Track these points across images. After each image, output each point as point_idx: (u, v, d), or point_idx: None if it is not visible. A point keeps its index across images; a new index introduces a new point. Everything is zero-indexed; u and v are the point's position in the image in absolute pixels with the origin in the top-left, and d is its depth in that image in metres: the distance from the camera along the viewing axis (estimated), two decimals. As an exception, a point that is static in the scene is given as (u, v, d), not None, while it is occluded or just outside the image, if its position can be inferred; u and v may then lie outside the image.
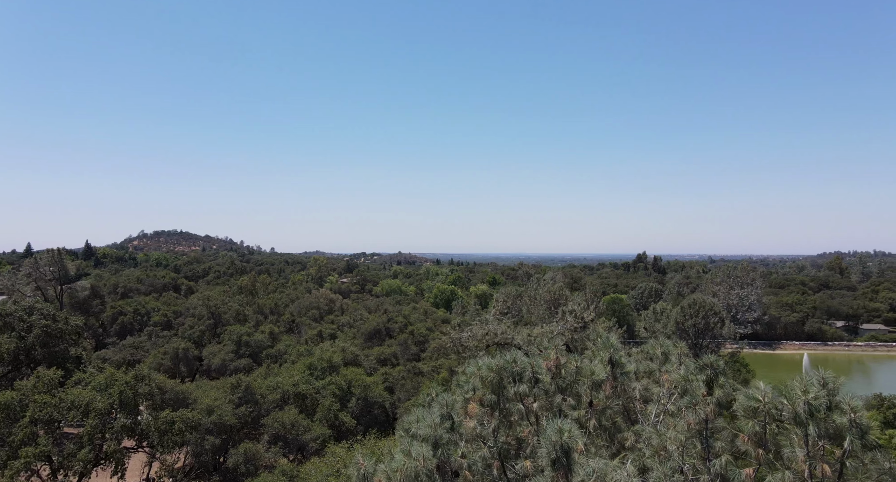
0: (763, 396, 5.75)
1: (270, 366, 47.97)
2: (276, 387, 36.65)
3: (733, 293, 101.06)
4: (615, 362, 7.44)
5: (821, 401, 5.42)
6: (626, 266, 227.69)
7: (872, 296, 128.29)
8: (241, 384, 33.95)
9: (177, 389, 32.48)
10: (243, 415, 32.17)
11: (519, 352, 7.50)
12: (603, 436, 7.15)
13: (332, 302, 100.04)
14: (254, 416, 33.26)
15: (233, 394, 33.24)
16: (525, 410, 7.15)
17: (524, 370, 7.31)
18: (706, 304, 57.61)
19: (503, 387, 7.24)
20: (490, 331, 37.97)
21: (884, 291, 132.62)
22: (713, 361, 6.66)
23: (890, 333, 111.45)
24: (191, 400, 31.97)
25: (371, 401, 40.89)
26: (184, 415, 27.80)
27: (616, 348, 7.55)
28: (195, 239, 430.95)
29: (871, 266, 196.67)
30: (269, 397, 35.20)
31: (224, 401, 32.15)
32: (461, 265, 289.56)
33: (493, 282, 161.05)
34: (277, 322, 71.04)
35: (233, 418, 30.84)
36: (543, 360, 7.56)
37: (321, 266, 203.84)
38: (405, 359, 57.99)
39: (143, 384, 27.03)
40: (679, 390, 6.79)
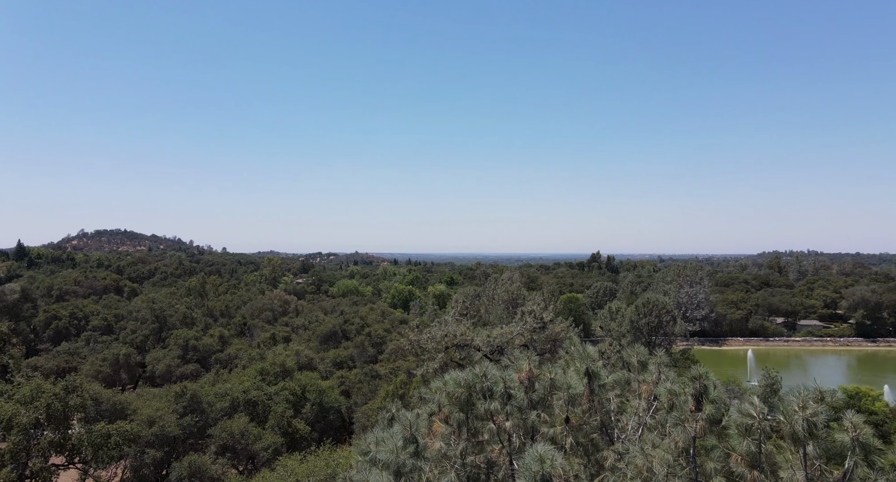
0: (758, 412, 5.30)
1: (220, 372, 45.77)
2: (225, 395, 34.80)
3: (683, 291, 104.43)
4: (592, 374, 6.88)
5: (821, 417, 5.00)
6: (580, 265, 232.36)
7: (808, 294, 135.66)
8: (186, 392, 31.97)
9: (114, 400, 30.25)
10: (188, 426, 30.29)
11: (490, 365, 6.83)
12: (580, 455, 6.59)
13: (287, 303, 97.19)
14: (200, 426, 31.39)
15: (177, 403, 31.27)
16: (496, 429, 6.49)
17: (495, 385, 6.64)
18: (659, 303, 59.02)
19: (472, 404, 6.55)
20: (449, 333, 37.28)
21: (818, 289, 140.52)
22: (702, 373, 6.19)
23: (824, 329, 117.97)
24: (130, 410, 29.85)
25: (326, 406, 39.54)
26: (121, 427, 25.80)
27: (593, 358, 7.00)
28: (141, 238, 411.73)
29: (806, 265, 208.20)
30: (218, 405, 33.35)
31: (167, 410, 30.18)
32: (419, 265, 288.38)
33: (450, 282, 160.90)
34: (228, 325, 68.17)
35: (176, 429, 28.96)
36: (516, 373, 6.92)
37: (275, 266, 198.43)
38: (362, 362, 56.66)
39: (74, 395, 24.87)
40: (665, 404, 6.29)
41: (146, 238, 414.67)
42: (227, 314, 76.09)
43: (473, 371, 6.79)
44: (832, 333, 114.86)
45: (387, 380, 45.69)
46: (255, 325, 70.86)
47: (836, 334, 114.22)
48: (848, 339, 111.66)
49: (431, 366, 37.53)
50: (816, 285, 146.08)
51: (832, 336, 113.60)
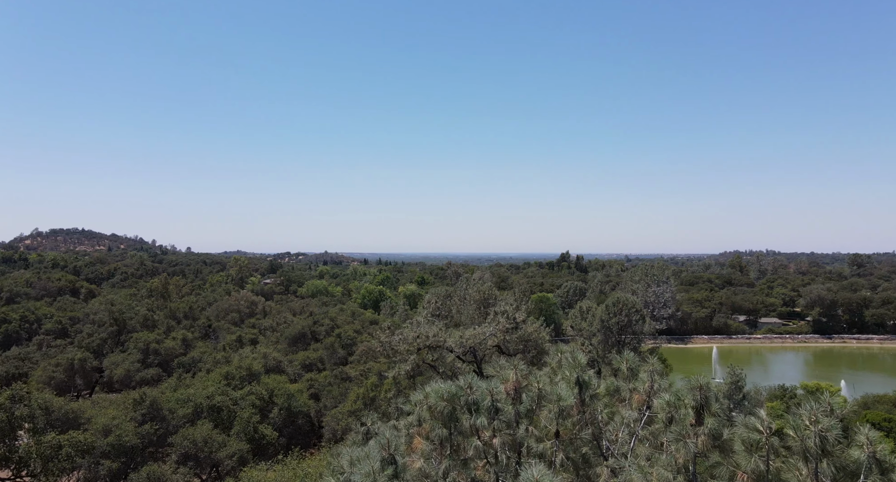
0: (765, 427, 4.94)
1: (182, 377, 44.07)
2: (187, 400, 33.39)
3: (650, 291, 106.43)
4: (583, 383, 6.45)
5: (835, 432, 4.66)
6: (550, 265, 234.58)
7: (768, 292, 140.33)
8: (145, 399, 30.49)
9: (66, 408, 28.59)
10: (148, 434, 28.87)
11: (475, 377, 6.32)
12: (571, 472, 6.15)
13: (254, 304, 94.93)
14: (160, 434, 29.98)
15: (135, 411, 29.78)
16: (483, 446, 5.99)
17: (482, 398, 6.13)
18: (629, 302, 59.76)
19: (456, 419, 6.03)
20: (421, 334, 36.69)
21: (777, 288, 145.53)
22: (703, 383, 5.81)
23: (783, 326, 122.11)
24: (84, 419, 28.25)
25: (295, 410, 38.47)
26: (74, 437, 24.34)
27: (583, 367, 6.57)
28: (100, 238, 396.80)
29: (766, 264, 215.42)
30: (179, 412, 31.95)
31: (125, 418, 28.70)
32: (389, 265, 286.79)
33: (421, 282, 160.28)
34: (192, 327, 65.93)
35: (135, 438, 27.54)
36: (502, 383, 6.43)
37: (242, 266, 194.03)
38: (332, 364, 55.56)
39: (20, 405, 23.29)
40: (664, 417, 5.90)
41: (105, 237, 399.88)
42: (192, 316, 73.64)
43: (457, 383, 6.27)
44: (791, 330, 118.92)
45: (357, 383, 44.83)
46: (220, 328, 68.77)
47: (795, 331, 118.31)
48: (805, 336, 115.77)
49: (403, 368, 36.89)
50: (776, 284, 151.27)
51: (791, 333, 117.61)
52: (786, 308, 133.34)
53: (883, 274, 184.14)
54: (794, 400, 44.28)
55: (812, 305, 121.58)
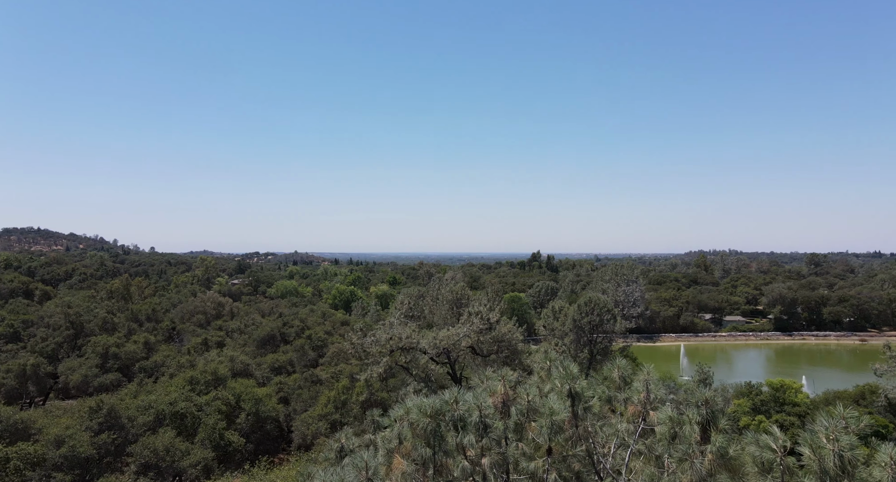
0: (779, 446, 4.56)
1: (144, 382, 42.24)
2: (148, 407, 31.89)
3: (620, 290, 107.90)
4: (576, 395, 5.99)
5: (857, 453, 4.29)
6: (521, 265, 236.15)
7: (732, 291, 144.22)
8: (102, 406, 28.92)
9: (15, 418, 26.86)
10: (104, 444, 27.37)
11: (462, 390, 5.79)
12: (564, 492, 5.69)
13: (221, 305, 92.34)
14: (119, 444, 28.49)
15: (91, 420, 28.20)
16: (470, 466, 5.46)
17: (470, 414, 5.59)
18: (600, 302, 60.14)
19: (441, 437, 5.48)
20: (394, 336, 36.01)
21: (741, 287, 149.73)
22: (709, 397, 5.41)
23: (747, 324, 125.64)
24: (34, 429, 26.59)
25: (263, 415, 37.27)
26: (23, 449, 22.84)
27: (575, 377, 6.10)
28: (57, 237, 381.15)
29: (729, 263, 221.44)
30: (140, 419, 30.47)
31: (79, 428, 27.14)
32: (360, 265, 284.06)
33: (393, 282, 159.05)
34: (155, 330, 63.49)
35: (90, 448, 26.05)
36: (489, 395, 5.91)
37: (209, 267, 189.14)
38: (302, 366, 54.27)
39: (-37, 417, 21.69)
40: (667, 434, 5.47)
41: (63, 237, 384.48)
42: (155, 318, 71.00)
43: (442, 396, 5.72)
44: (754, 328, 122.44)
45: (328, 386, 43.83)
46: (185, 330, 66.46)
47: (758, 329, 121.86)
48: (768, 334, 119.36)
49: (376, 371, 36.13)
50: (739, 283, 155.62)
51: (754, 331, 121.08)
52: (749, 306, 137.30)
53: (838, 273, 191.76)
54: (760, 397, 45.26)
55: (773, 304, 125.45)
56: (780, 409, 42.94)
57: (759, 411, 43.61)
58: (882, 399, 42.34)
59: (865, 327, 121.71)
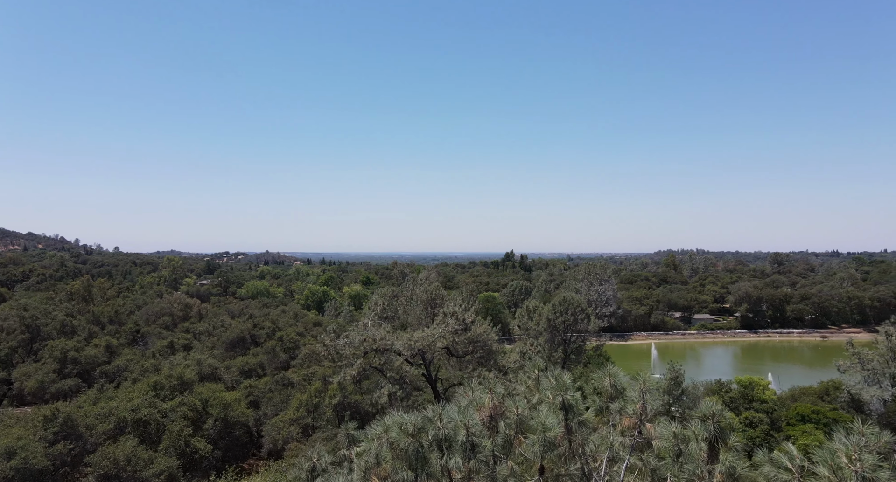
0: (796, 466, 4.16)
1: (105, 388, 40.43)
2: (108, 415, 30.43)
3: (593, 289, 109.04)
4: (569, 408, 5.53)
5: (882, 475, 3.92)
6: (495, 264, 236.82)
7: (700, 290, 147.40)
8: (58, 415, 27.40)
9: (-38, 429, 25.19)
10: (60, 455, 25.91)
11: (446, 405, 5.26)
12: (557, 514, 5.23)
13: (189, 307, 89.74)
14: (76, 454, 27.03)
15: (46, 429, 26.68)
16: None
17: (456, 433, 5.05)
18: (574, 301, 60.49)
19: (424, 459, 4.93)
20: (368, 338, 35.26)
21: (709, 285, 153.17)
22: (715, 411, 5.00)
23: (714, 322, 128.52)
24: (-17, 441, 24.96)
25: (232, 420, 36.06)
26: (-31, 463, 21.34)
27: (567, 387, 5.63)
28: (14, 237, 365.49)
29: (697, 262, 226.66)
30: (99, 428, 29.02)
31: (32, 438, 25.61)
32: (333, 265, 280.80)
33: (367, 282, 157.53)
34: (118, 333, 61.09)
35: (44, 460, 24.60)
36: (476, 409, 5.41)
37: (176, 267, 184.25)
38: (273, 369, 52.94)
39: None
40: (671, 451, 5.05)
41: (21, 236, 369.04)
42: (117, 321, 68.38)
43: (425, 413, 5.19)
44: (721, 326, 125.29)
45: (300, 389, 42.78)
46: (150, 333, 64.17)
47: (725, 327, 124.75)
48: (735, 331, 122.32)
49: (349, 373, 35.32)
50: (707, 282, 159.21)
51: (721, 328, 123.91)
52: (716, 304, 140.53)
53: (799, 271, 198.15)
54: (730, 394, 46.04)
55: (740, 302, 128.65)
56: (748, 406, 43.71)
57: (728, 408, 44.36)
58: (845, 395, 43.50)
59: (826, 324, 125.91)
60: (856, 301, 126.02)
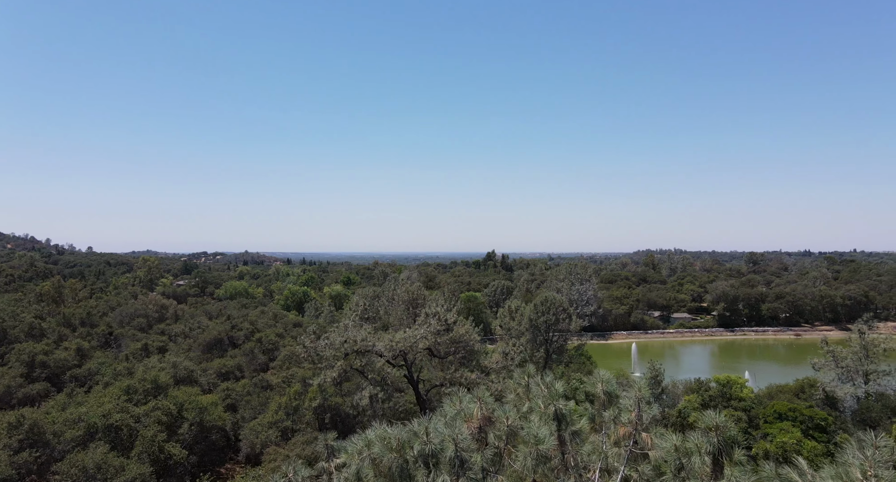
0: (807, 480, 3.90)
1: (75, 392, 39.10)
2: (78, 420, 29.36)
3: (574, 289, 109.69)
4: (562, 417, 5.21)
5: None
6: (477, 264, 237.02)
7: (679, 289, 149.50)
8: (23, 422, 26.30)
9: (-80, 438, 24.00)
10: (26, 463, 24.86)
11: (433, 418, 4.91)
12: (551, 532, 4.91)
13: (165, 308, 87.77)
14: (42, 462, 25.98)
15: (10, 437, 25.58)
16: (443, 511, 4.58)
17: (444, 448, 4.68)
18: (556, 301, 60.63)
19: (409, 476, 4.54)
20: (349, 339, 34.72)
21: (687, 284, 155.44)
22: (720, 423, 4.70)
23: (693, 320, 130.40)
24: (-58, 451, 23.83)
25: (208, 425, 35.13)
26: (-73, 475, 20.29)
27: (559, 395, 5.30)
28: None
29: (676, 261, 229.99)
30: (68, 434, 27.96)
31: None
32: (314, 265, 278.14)
33: (347, 282, 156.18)
34: (89, 335, 59.31)
35: (8, 469, 23.58)
36: (464, 421, 5.05)
37: (151, 267, 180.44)
38: (251, 371, 51.93)
39: None
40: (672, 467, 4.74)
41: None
42: (89, 322, 66.42)
43: (411, 427, 4.81)
44: (699, 325, 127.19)
45: (279, 391, 42.00)
46: (124, 335, 62.45)
47: (703, 325, 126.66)
48: (712, 330, 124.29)
49: (330, 375, 34.74)
50: (685, 281, 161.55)
51: (699, 327, 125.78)
52: (694, 303, 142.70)
53: (774, 271, 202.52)
54: (709, 392, 46.56)
55: (717, 301, 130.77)
56: (727, 404, 44.23)
57: (707, 406, 44.82)
58: (820, 392, 44.29)
59: (800, 322, 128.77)
60: (828, 300, 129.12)
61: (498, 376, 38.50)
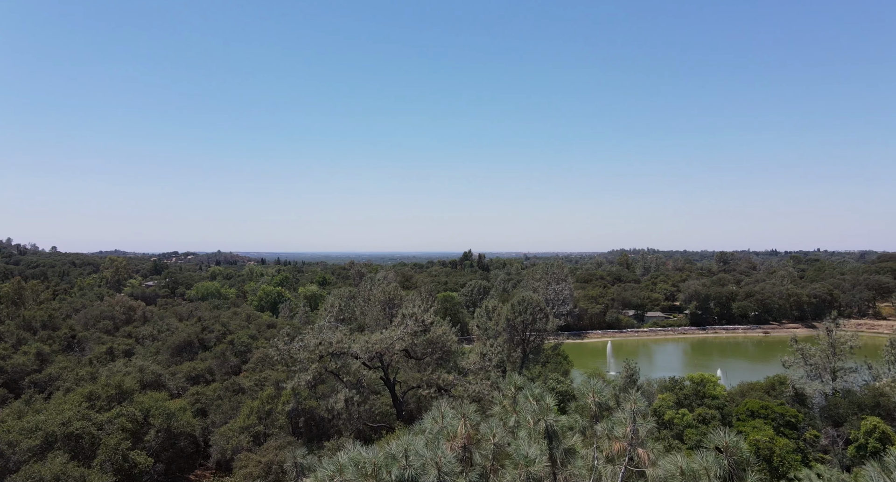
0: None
1: (33, 399, 37.33)
2: (35, 429, 27.89)
3: (550, 288, 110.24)
4: (554, 435, 4.75)
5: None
6: (453, 263, 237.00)
7: (653, 288, 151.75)
8: (-25, 432, 24.81)
9: None
10: (-23, 477, 23.44)
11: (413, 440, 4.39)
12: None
13: (132, 310, 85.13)
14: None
15: (-39, 449, 24.10)
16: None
17: (425, 472, 4.15)
18: (533, 301, 60.61)
19: (386, 507, 4.03)
20: (324, 341, 33.95)
21: (660, 283, 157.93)
22: (731, 442, 4.29)
23: (666, 319, 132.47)
24: None
25: (176, 431, 33.89)
26: None
27: (549, 410, 4.84)
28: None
29: (649, 261, 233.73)
30: (24, 444, 26.53)
31: (-56, 459, 23.07)
32: (289, 265, 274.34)
33: (323, 283, 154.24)
34: (51, 339, 56.95)
35: (-42, 483, 22.16)
36: (447, 440, 4.55)
37: (119, 267, 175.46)
38: (223, 374, 50.53)
39: None
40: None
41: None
42: (51, 325, 63.83)
43: (387, 449, 4.29)
44: (672, 323, 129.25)
45: (251, 395, 40.89)
46: (88, 338, 60.15)
47: (676, 324, 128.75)
48: (685, 328, 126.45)
49: (304, 378, 33.90)
50: (658, 280, 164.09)
51: (672, 326, 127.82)
52: (667, 302, 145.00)
53: (743, 270, 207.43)
54: (683, 391, 47.06)
55: (690, 299, 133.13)
56: (700, 403, 44.78)
57: (682, 405, 45.30)
58: (790, 389, 45.09)
59: (768, 320, 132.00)
60: (795, 298, 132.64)
61: (476, 377, 38.16)
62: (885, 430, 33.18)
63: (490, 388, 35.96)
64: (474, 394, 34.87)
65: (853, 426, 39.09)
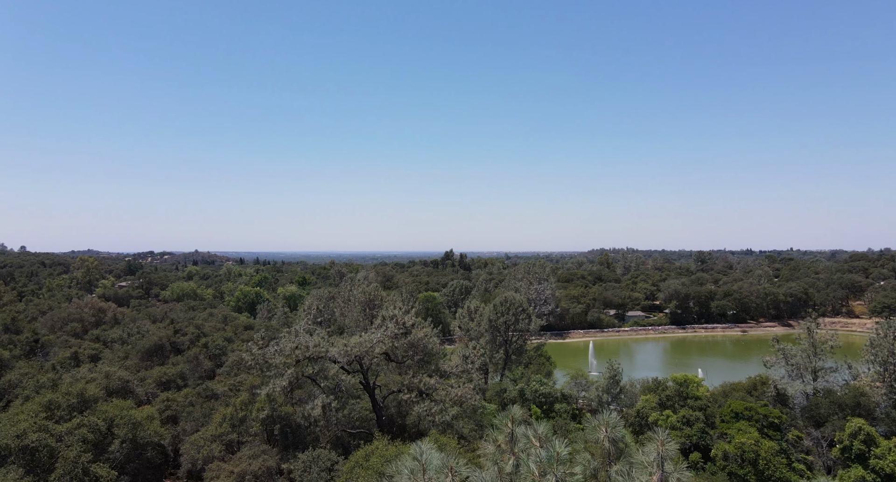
0: None
1: (-11, 408, 35.14)
2: (-13, 442, 26.01)
3: (533, 288, 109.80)
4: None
5: None
6: (435, 263, 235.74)
7: (633, 287, 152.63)
8: (-83, 448, 22.90)
9: None
10: (-82, 497, 21.58)
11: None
12: None
13: (103, 311, 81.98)
14: (-60, 494, 22.71)
15: None
16: None
17: None
18: (516, 302, 59.80)
19: None
20: (301, 345, 32.56)
21: (641, 283, 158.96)
22: None
23: (646, 318, 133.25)
24: None
25: (142, 441, 32.13)
26: None
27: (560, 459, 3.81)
28: None
29: (629, 260, 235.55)
30: (-27, 460, 24.66)
31: None
32: (268, 264, 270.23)
33: (302, 283, 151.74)
34: (12, 343, 54.23)
35: None
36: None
37: (91, 268, 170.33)
38: (195, 379, 48.54)
39: None
40: None
41: None
42: (14, 328, 60.92)
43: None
44: (652, 323, 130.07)
45: (225, 401, 39.21)
46: (53, 342, 57.47)
47: (656, 323, 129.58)
48: (665, 327, 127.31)
49: (279, 384, 32.46)
50: (639, 279, 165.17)
51: (653, 325, 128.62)
52: (648, 301, 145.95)
53: (720, 269, 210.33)
54: (666, 392, 46.65)
55: (669, 298, 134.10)
56: (684, 404, 44.38)
57: (665, 406, 44.86)
58: (772, 389, 44.99)
59: (746, 319, 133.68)
60: (771, 297, 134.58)
61: (458, 380, 37.09)
62: (870, 432, 33.06)
63: (472, 392, 34.96)
64: (456, 397, 33.82)
65: (835, 426, 39.04)
